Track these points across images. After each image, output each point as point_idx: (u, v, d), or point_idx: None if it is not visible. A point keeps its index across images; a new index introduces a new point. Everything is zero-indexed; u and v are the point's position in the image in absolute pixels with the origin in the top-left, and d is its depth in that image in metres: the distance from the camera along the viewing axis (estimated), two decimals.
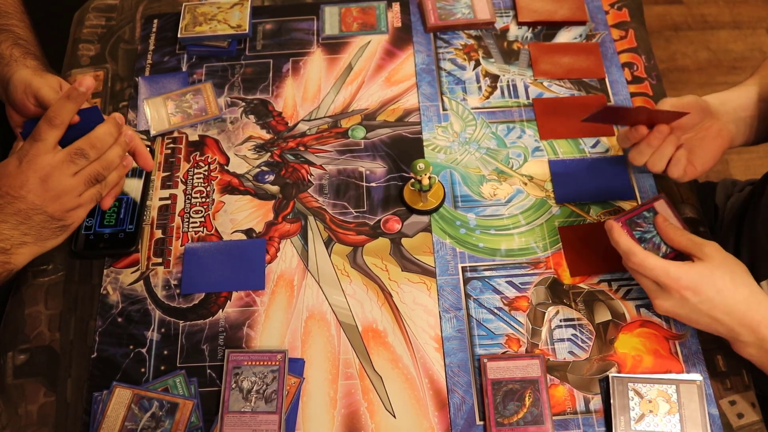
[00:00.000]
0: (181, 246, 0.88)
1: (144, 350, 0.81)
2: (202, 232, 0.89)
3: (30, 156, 0.74)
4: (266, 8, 1.10)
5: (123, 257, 0.87)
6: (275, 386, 0.77)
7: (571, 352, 0.79)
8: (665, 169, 0.83)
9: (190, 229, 0.89)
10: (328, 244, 0.87)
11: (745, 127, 0.86)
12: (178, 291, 0.84)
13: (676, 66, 2.06)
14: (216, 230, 0.89)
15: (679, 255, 0.75)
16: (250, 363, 0.78)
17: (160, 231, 0.89)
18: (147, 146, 0.94)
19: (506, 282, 0.84)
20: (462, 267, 0.85)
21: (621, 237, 0.74)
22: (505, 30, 1.06)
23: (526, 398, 0.75)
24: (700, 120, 0.83)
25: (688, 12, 2.17)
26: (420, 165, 0.84)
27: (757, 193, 0.89)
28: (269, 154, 0.95)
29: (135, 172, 0.93)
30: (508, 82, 1.00)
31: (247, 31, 1.04)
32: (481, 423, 0.75)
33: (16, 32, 0.92)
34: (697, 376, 0.76)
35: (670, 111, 0.79)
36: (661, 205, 0.78)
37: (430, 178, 0.86)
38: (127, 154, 0.82)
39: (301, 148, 0.96)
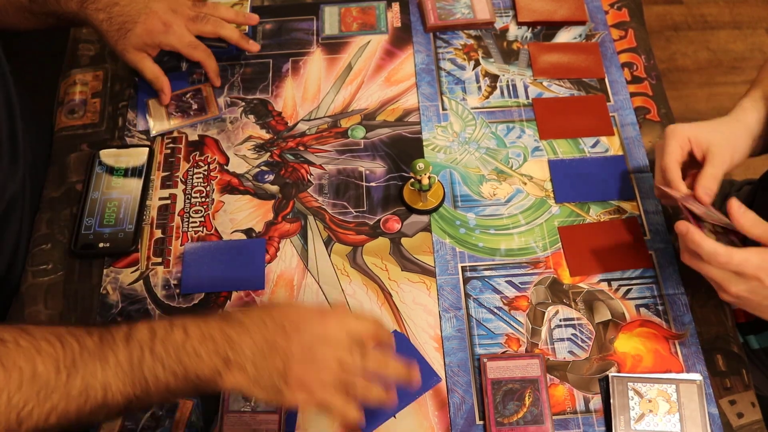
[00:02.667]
0: (180, 246, 0.88)
1: None
2: (202, 232, 0.89)
3: (349, 320, 0.68)
4: (266, 8, 1.10)
5: (123, 257, 0.87)
6: None
7: (570, 352, 0.79)
8: None
9: (190, 229, 0.89)
10: (327, 243, 0.87)
11: (754, 146, 0.85)
12: (177, 291, 0.84)
13: (676, 66, 2.06)
14: (216, 230, 0.89)
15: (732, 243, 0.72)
16: None
17: (159, 231, 0.89)
18: (148, 146, 0.95)
19: (506, 282, 0.84)
20: (462, 267, 0.85)
21: (704, 240, 0.69)
22: (505, 30, 1.06)
23: (526, 398, 0.75)
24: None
25: (688, 12, 2.17)
26: (420, 165, 0.84)
27: (760, 191, 0.89)
28: (269, 153, 0.95)
29: (135, 172, 0.93)
30: (507, 82, 1.00)
31: (247, 31, 1.04)
32: (481, 423, 0.75)
33: None
34: (697, 376, 0.76)
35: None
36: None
37: (429, 177, 0.86)
38: (393, 393, 0.71)
39: (301, 148, 0.96)
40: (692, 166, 0.80)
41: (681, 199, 0.75)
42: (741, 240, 0.73)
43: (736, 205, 0.69)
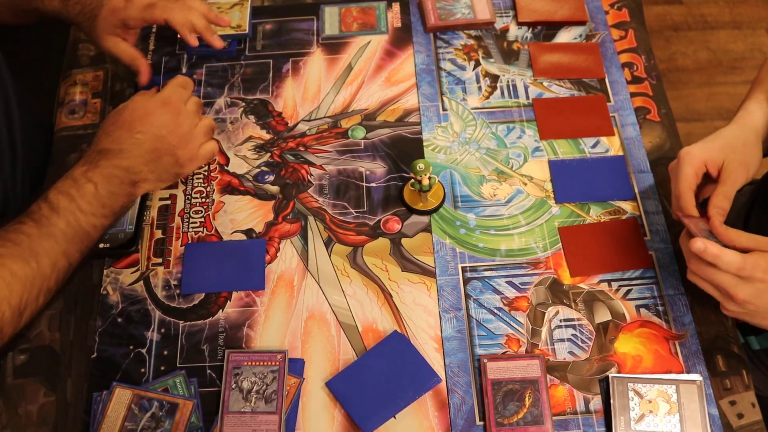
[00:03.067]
0: (181, 246, 0.88)
1: (144, 350, 0.81)
2: (202, 233, 0.89)
3: (165, 97, 0.83)
4: (266, 8, 1.10)
5: (123, 257, 0.87)
6: (275, 386, 0.77)
7: (571, 352, 0.79)
8: None
9: (190, 230, 0.89)
10: (328, 244, 0.87)
11: (765, 147, 0.84)
12: (178, 291, 0.84)
13: (676, 66, 2.06)
14: (216, 230, 0.89)
15: None
16: (250, 363, 0.78)
17: (160, 231, 0.89)
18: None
19: (506, 282, 0.84)
20: (462, 267, 0.85)
21: (723, 251, 0.69)
22: (505, 30, 1.06)
23: (526, 398, 0.75)
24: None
25: (688, 12, 2.17)
26: (420, 165, 0.84)
27: (762, 192, 0.89)
28: (269, 154, 0.95)
29: None
30: (507, 82, 1.00)
31: (247, 31, 1.04)
32: (481, 423, 0.75)
33: None
34: (697, 376, 0.76)
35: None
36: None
37: (430, 178, 0.86)
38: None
39: (301, 149, 0.96)
40: (706, 181, 0.79)
41: (690, 221, 0.75)
42: None
43: (717, 223, 0.73)
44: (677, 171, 0.78)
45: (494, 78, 1.01)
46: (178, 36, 1.04)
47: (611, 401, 0.75)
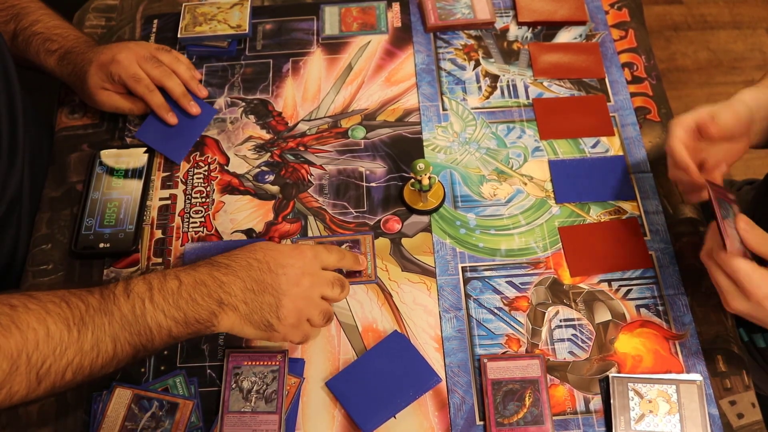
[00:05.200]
0: (181, 246, 0.88)
1: None
2: (202, 232, 0.89)
3: (307, 247, 0.76)
4: (266, 8, 1.10)
5: (123, 257, 0.87)
6: (275, 386, 0.76)
7: (571, 352, 0.79)
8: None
9: (190, 229, 0.89)
10: None
11: (757, 129, 0.83)
12: None
13: (676, 66, 2.06)
14: (216, 230, 0.89)
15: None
16: (250, 363, 0.78)
17: (160, 231, 0.89)
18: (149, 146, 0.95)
19: (506, 282, 0.84)
20: (462, 267, 0.85)
21: (739, 263, 0.69)
22: (505, 30, 1.06)
23: (526, 398, 0.75)
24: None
25: (688, 12, 2.17)
26: (420, 165, 0.84)
27: (764, 192, 0.89)
28: (269, 154, 0.95)
29: (135, 173, 0.93)
30: (508, 82, 1.00)
31: (247, 31, 1.04)
32: (481, 423, 0.75)
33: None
34: (697, 376, 0.76)
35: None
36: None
37: (430, 178, 0.86)
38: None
39: (301, 148, 0.96)
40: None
41: (712, 192, 0.73)
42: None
43: (743, 223, 0.70)
44: (668, 135, 0.78)
45: (494, 78, 1.01)
46: (179, 35, 1.04)
47: (611, 401, 0.75)
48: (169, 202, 0.91)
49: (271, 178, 0.93)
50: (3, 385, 0.60)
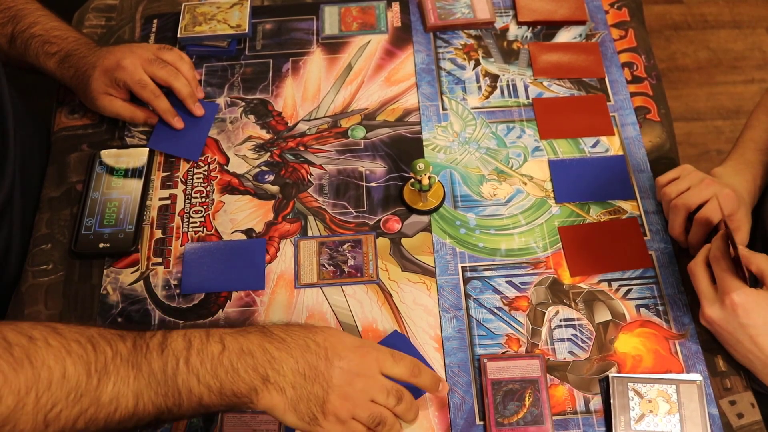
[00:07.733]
0: (181, 246, 0.88)
1: None
2: (202, 232, 0.89)
3: (370, 348, 0.68)
4: (266, 8, 1.10)
5: (123, 257, 0.87)
6: None
7: (571, 352, 0.79)
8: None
9: (190, 229, 0.89)
10: None
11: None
12: (178, 291, 0.84)
13: (676, 65, 2.06)
14: (216, 230, 0.89)
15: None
16: None
17: (160, 231, 0.89)
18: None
19: (506, 282, 0.84)
20: (462, 267, 0.85)
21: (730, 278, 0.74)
22: (505, 30, 1.06)
23: (526, 398, 0.75)
24: None
25: (688, 11, 2.17)
26: (420, 165, 0.84)
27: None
28: (269, 154, 0.95)
29: (135, 173, 0.93)
30: (507, 81, 1.00)
31: (246, 31, 1.04)
32: (481, 423, 0.75)
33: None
34: (697, 376, 0.76)
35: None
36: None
37: (430, 178, 0.86)
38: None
39: (301, 148, 0.95)
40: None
41: (726, 229, 0.75)
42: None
43: (746, 253, 0.74)
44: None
45: (494, 78, 1.01)
46: (178, 35, 1.04)
47: (611, 401, 0.75)
48: (168, 202, 0.91)
49: (271, 177, 0.93)
50: (6, 422, 0.54)
